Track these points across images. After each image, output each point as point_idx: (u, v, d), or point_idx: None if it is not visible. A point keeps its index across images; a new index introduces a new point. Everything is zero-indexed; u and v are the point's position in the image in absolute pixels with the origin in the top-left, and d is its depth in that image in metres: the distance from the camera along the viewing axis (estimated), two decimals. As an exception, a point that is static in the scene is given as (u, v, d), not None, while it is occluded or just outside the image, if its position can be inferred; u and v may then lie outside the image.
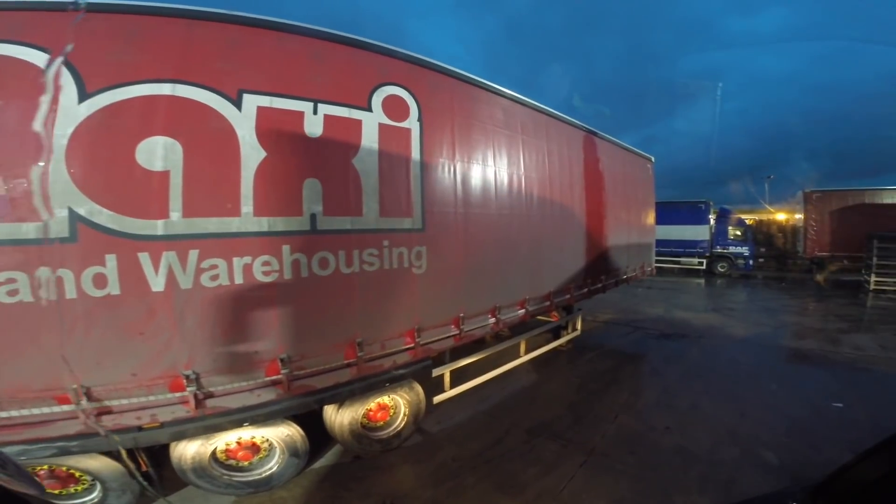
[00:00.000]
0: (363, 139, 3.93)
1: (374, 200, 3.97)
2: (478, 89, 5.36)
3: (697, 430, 5.13)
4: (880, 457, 1.35)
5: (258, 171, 3.33)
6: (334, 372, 3.87)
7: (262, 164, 3.35)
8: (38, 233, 2.70)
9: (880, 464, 1.35)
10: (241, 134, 3.29)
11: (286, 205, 3.49)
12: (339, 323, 3.86)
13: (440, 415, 5.56)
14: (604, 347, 8.63)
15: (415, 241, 4.32)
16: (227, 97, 3.25)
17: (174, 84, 3.06)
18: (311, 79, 3.68)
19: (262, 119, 3.37)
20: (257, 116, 3.35)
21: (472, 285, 5.06)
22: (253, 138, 3.33)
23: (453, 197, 4.78)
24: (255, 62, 3.43)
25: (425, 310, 4.51)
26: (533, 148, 6.21)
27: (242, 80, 3.33)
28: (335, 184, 3.75)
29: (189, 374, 3.14)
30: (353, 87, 3.96)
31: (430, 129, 4.51)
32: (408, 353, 4.41)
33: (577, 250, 7.49)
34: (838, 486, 1.46)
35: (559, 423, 5.40)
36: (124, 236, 2.92)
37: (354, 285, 3.88)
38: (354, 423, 4.40)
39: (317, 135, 3.64)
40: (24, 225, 2.67)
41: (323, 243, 3.67)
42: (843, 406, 5.68)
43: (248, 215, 3.30)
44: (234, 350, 3.35)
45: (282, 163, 3.46)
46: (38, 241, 2.70)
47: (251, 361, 3.42)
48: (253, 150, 3.33)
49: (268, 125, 3.39)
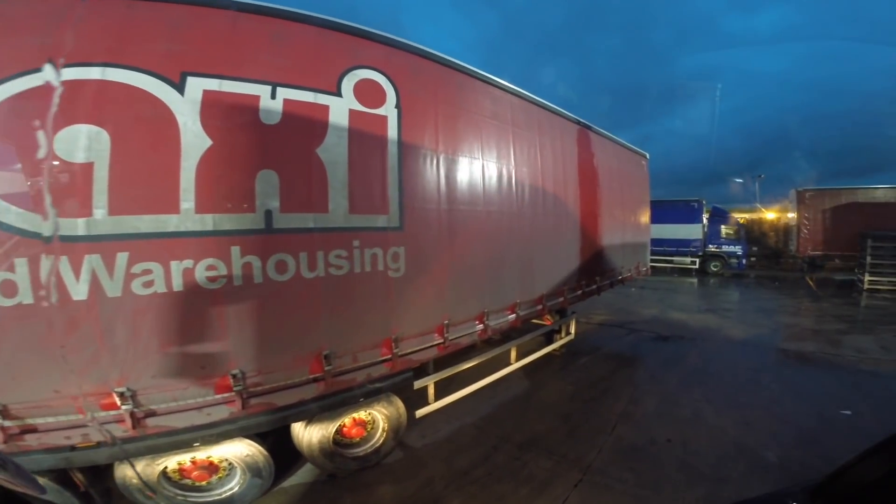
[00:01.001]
0: (330, 127, 3.50)
1: (342, 195, 3.54)
2: (465, 76, 4.95)
3: (700, 443, 4.78)
4: (880, 457, 1.32)
5: (202, 161, 2.92)
6: (298, 388, 3.48)
7: (207, 154, 2.94)
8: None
9: (880, 464, 1.32)
10: (182, 121, 2.88)
11: (235, 200, 3.06)
12: (301, 334, 3.45)
13: (425, 428, 5.18)
14: (599, 351, 8.27)
15: (391, 240, 3.89)
16: (168, 80, 2.86)
17: (104, 68, 2.69)
18: (269, 61, 3.28)
19: (208, 104, 2.97)
20: (203, 101, 2.95)
21: (457, 289, 4.65)
22: (196, 125, 2.92)
23: (436, 192, 4.35)
24: (204, 43, 3.04)
25: (404, 317, 4.09)
26: (524, 141, 5.81)
27: (187, 62, 2.94)
28: (295, 176, 3.32)
29: (123, 391, 2.79)
30: (320, 70, 3.55)
31: (410, 117, 4.09)
32: (384, 365, 4.00)
33: (571, 250, 7.10)
34: (838, 486, 1.43)
35: (552, 436, 5.03)
36: (37, 237, 2.50)
37: (319, 292, 3.46)
38: (325, 440, 4.02)
39: (274, 121, 3.23)
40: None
41: (280, 244, 3.25)
42: (852, 413, 5.36)
43: (188, 212, 2.89)
44: (175, 365, 2.96)
45: (231, 152, 3.05)
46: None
47: (197, 378, 3.04)
48: (196, 138, 2.92)
49: (215, 111, 2.99)
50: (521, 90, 5.89)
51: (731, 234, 20.21)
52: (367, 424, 4.46)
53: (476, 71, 5.08)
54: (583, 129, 7.54)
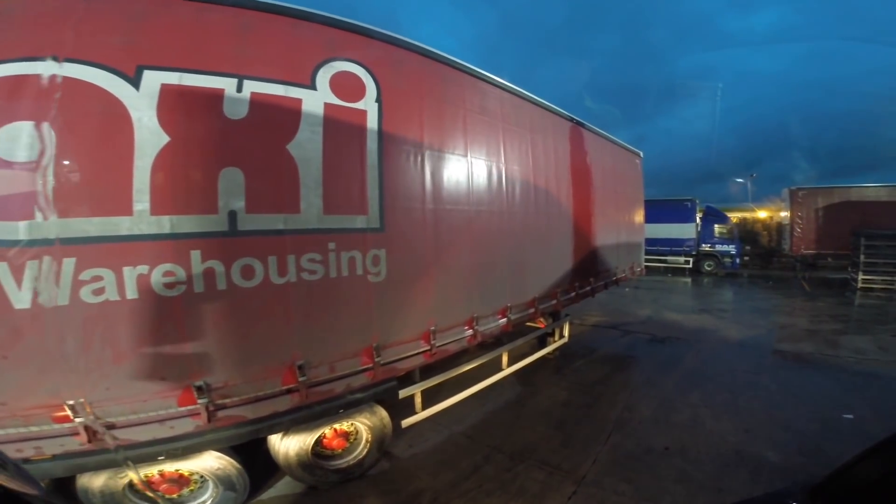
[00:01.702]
0: (303, 121, 3.28)
1: (315, 194, 3.32)
2: (452, 69, 4.74)
3: (700, 451, 4.59)
4: (880, 457, 1.33)
5: (158, 159, 2.71)
6: (271, 400, 3.27)
7: (164, 152, 2.73)
8: None
9: (880, 464, 1.33)
10: (136, 116, 2.68)
11: (195, 200, 2.85)
12: (272, 343, 3.22)
13: (412, 437, 4.95)
14: (593, 354, 8.07)
15: (370, 242, 3.66)
16: (122, 74, 2.67)
17: (50, 61, 2.49)
18: (236, 53, 3.07)
19: (166, 98, 2.77)
20: (160, 95, 2.76)
21: (444, 293, 4.43)
22: (153, 121, 2.72)
23: (421, 191, 4.13)
24: (165, 35, 2.85)
25: (386, 324, 3.87)
26: (515, 137, 5.61)
27: (144, 55, 2.75)
28: (263, 174, 3.10)
29: (75, 403, 2.63)
30: (293, 62, 3.35)
31: (392, 111, 3.87)
32: (365, 374, 3.78)
33: (564, 251, 6.90)
34: (838, 486, 1.43)
35: (545, 445, 4.82)
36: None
37: (290, 298, 3.23)
38: (303, 452, 3.80)
39: (240, 116, 3.01)
40: None
41: (246, 247, 3.02)
42: (854, 418, 5.19)
43: (142, 214, 2.67)
44: (132, 377, 2.76)
45: (190, 149, 2.84)
46: None
47: (158, 390, 2.85)
48: (152, 134, 2.71)
49: (174, 105, 2.80)
50: (511, 85, 5.69)
51: (724, 233, 20.11)
52: (349, 435, 4.24)
53: (463, 64, 4.87)
54: (576, 127, 7.35)
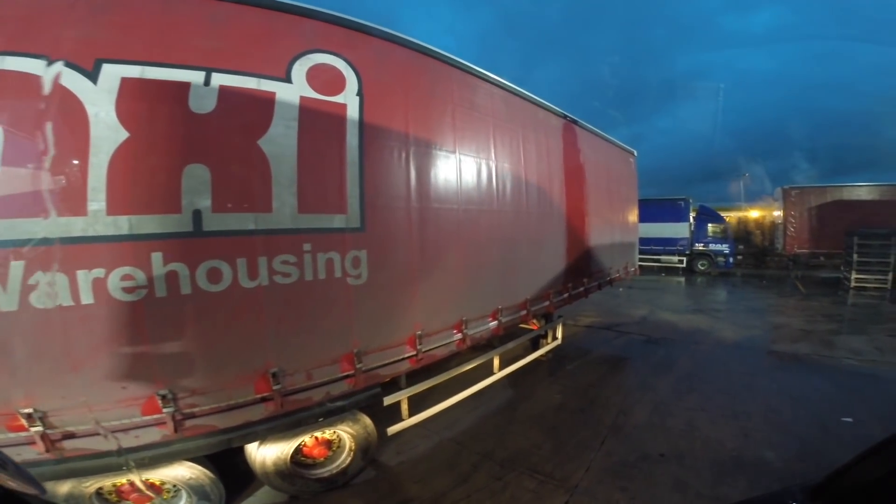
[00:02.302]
0: (276, 115, 3.09)
1: (289, 192, 3.12)
2: (439, 63, 4.55)
3: (696, 457, 4.44)
4: (880, 457, 1.31)
5: (115, 156, 2.54)
6: (243, 409, 3.09)
7: (122, 148, 2.56)
8: None
9: (880, 464, 1.31)
10: (92, 111, 2.51)
11: (156, 199, 2.66)
12: (242, 350, 3.04)
13: (400, 444, 4.78)
14: (587, 356, 7.91)
15: (350, 243, 3.46)
16: (78, 68, 2.50)
17: None
18: (205, 45, 2.90)
19: (126, 93, 2.60)
20: (120, 90, 2.59)
21: (430, 296, 4.24)
22: (111, 116, 2.54)
23: (405, 189, 3.94)
24: (128, 27, 2.69)
25: (368, 329, 3.67)
26: (506, 134, 5.43)
27: (104, 48, 2.59)
28: (231, 171, 2.91)
29: (30, 412, 2.49)
30: (267, 54, 3.17)
31: (374, 105, 3.67)
32: (346, 381, 3.58)
33: (557, 251, 6.73)
34: (838, 486, 1.42)
35: (537, 452, 4.65)
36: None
37: (262, 303, 3.03)
38: (282, 461, 3.64)
39: (207, 110, 2.83)
40: None
41: (212, 249, 2.83)
42: (854, 421, 5.06)
43: (98, 214, 2.49)
44: (91, 386, 2.60)
45: (151, 145, 2.66)
46: None
47: (119, 399, 2.69)
48: (109, 130, 2.53)
49: (135, 100, 2.63)
50: (502, 80, 5.50)
51: (718, 232, 20.06)
52: (331, 444, 4.06)
53: (452, 58, 4.69)
54: (569, 124, 7.18)
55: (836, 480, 1.46)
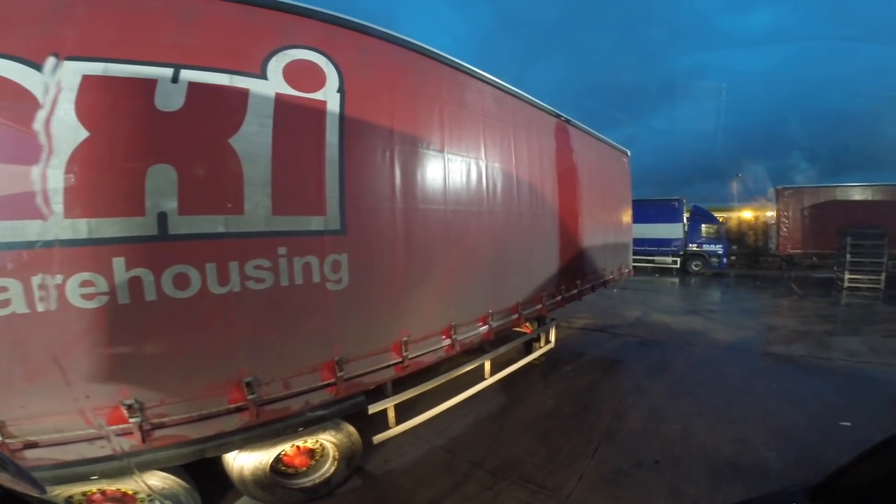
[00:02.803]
0: (249, 113, 2.95)
1: (263, 193, 2.97)
2: (428, 60, 4.42)
3: (692, 464, 4.31)
4: (880, 457, 1.31)
5: (74, 155, 2.41)
6: (217, 419, 2.95)
7: (82, 147, 2.42)
8: None
9: (880, 464, 1.31)
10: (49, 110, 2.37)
11: (118, 201, 2.53)
12: (213, 359, 2.89)
13: (388, 452, 4.62)
14: (581, 359, 7.77)
15: (330, 246, 3.31)
16: (35, 66, 2.37)
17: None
18: (175, 41, 2.77)
19: (87, 90, 2.48)
20: (80, 87, 2.46)
21: (416, 301, 4.09)
22: (70, 114, 2.42)
23: (390, 189, 3.79)
24: (92, 24, 2.57)
25: (349, 336, 3.52)
26: (496, 133, 5.29)
27: (65, 46, 2.46)
28: (200, 171, 2.77)
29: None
30: (240, 50, 3.03)
31: (356, 103, 3.53)
32: (326, 390, 3.43)
33: (549, 252, 6.60)
34: (838, 486, 1.42)
35: (529, 460, 4.51)
36: None
37: (234, 310, 2.88)
38: (261, 471, 3.49)
39: (174, 107, 2.70)
40: None
41: (179, 253, 2.69)
42: (852, 425, 4.95)
43: (55, 217, 2.35)
44: (51, 395, 2.49)
45: (113, 144, 2.51)
46: None
47: (82, 408, 2.57)
48: (68, 129, 2.40)
49: (96, 97, 2.50)
50: (493, 78, 5.37)
51: (711, 233, 20.05)
52: (313, 453, 3.91)
53: (440, 54, 4.55)
54: (561, 123, 7.06)
55: (836, 481, 1.44)
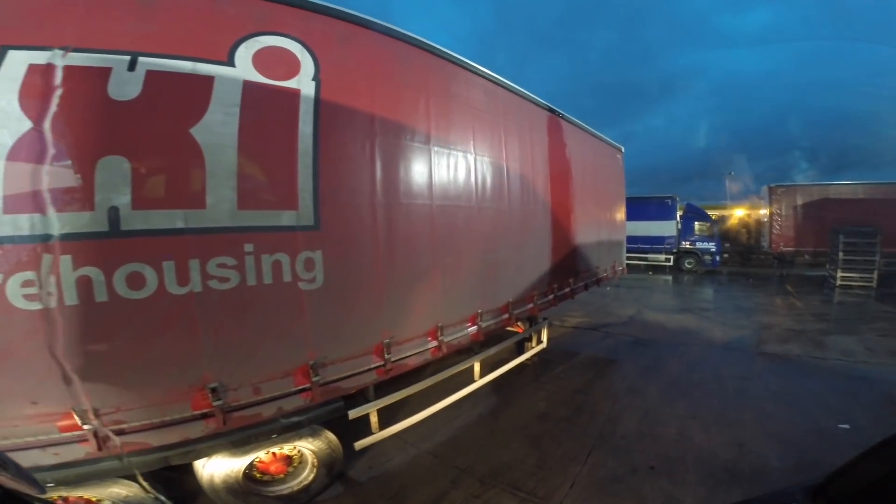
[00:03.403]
0: (213, 101, 2.75)
1: (227, 186, 2.75)
2: (414, 48, 4.22)
3: (689, 470, 4.16)
4: (880, 457, 1.32)
5: (15, 148, 2.22)
6: (180, 425, 2.76)
7: (23, 140, 2.23)
8: None
9: (880, 464, 1.32)
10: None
11: (63, 195, 2.31)
12: (173, 363, 2.70)
13: (373, 457, 4.44)
14: (574, 359, 7.60)
15: (302, 243, 3.09)
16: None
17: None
18: (134, 28, 2.57)
19: (33, 80, 2.30)
20: (26, 77, 2.27)
21: (399, 301, 3.89)
22: (12, 105, 2.24)
23: (369, 182, 3.58)
24: (42, 11, 2.38)
25: (325, 339, 3.31)
26: (486, 126, 5.09)
27: (10, 34, 2.29)
28: (156, 163, 2.57)
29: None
30: (206, 37, 2.83)
31: (334, 92, 3.33)
32: (301, 396, 3.23)
33: (541, 250, 6.41)
34: (838, 486, 1.41)
35: (520, 466, 4.33)
36: None
37: (194, 311, 2.67)
38: (233, 479, 3.31)
39: (129, 97, 2.50)
40: None
41: (132, 251, 2.48)
42: (851, 427, 4.82)
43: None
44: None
45: (59, 136, 2.31)
46: None
47: (31, 415, 2.42)
48: (10, 119, 2.22)
49: (43, 87, 2.31)
50: (483, 69, 5.17)
51: (704, 230, 20.01)
52: (290, 459, 3.72)
53: (427, 43, 4.34)
54: (554, 117, 6.87)
55: (836, 480, 1.44)
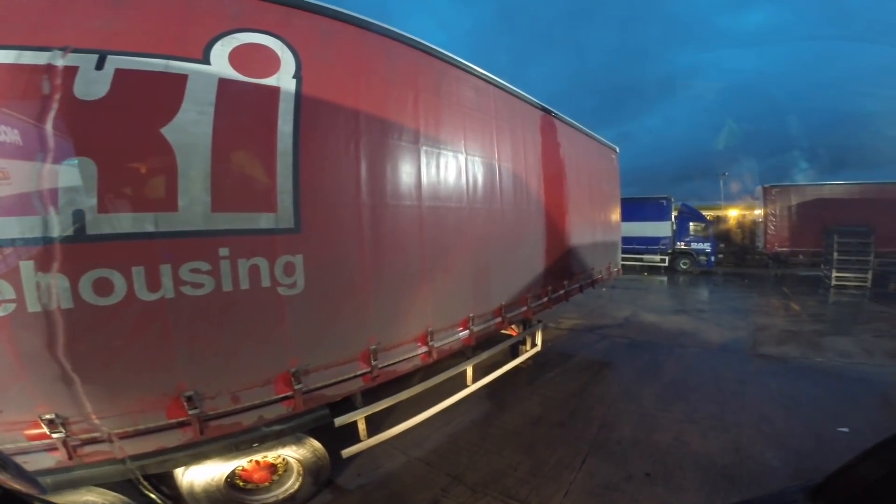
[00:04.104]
0: (186, 100, 2.63)
1: (201, 188, 2.63)
2: (401, 45, 4.10)
3: (685, 476, 4.06)
4: (880, 457, 1.31)
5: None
6: (155, 434, 2.66)
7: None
8: None
9: (880, 464, 1.30)
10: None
11: (24, 199, 2.20)
12: (145, 371, 2.59)
13: (362, 464, 4.33)
14: (569, 362, 7.49)
15: (281, 246, 2.96)
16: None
17: None
18: (104, 26, 2.48)
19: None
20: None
21: (386, 306, 3.77)
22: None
23: (354, 183, 3.45)
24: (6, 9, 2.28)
25: (307, 346, 3.19)
26: (478, 125, 4.98)
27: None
28: (124, 164, 2.46)
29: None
30: (181, 34, 2.72)
31: (316, 89, 3.21)
32: (282, 404, 3.11)
33: (535, 252, 6.29)
34: (838, 486, 1.39)
35: (513, 473, 4.22)
36: None
37: (167, 318, 2.56)
38: (213, 487, 3.22)
39: (96, 96, 2.39)
40: None
41: (99, 256, 2.36)
42: (850, 431, 4.73)
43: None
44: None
45: (20, 137, 2.21)
46: None
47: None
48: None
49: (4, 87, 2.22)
50: (475, 67, 5.06)
51: (699, 231, 20.01)
52: (275, 468, 3.60)
53: (415, 39, 4.23)
54: (547, 117, 6.76)
55: (836, 481, 1.42)
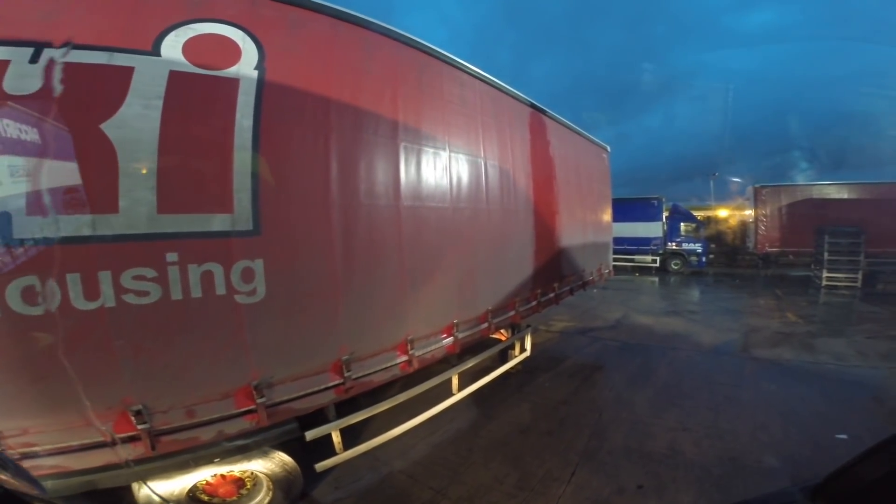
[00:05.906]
0: (131, 93, 2.40)
1: (145, 186, 2.40)
2: (379, 36, 3.88)
3: (679, 489, 3.88)
4: (880, 457, 1.30)
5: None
6: (102, 449, 2.43)
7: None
8: None
9: (880, 464, 1.30)
10: None
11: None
12: (86, 385, 2.36)
13: (340, 476, 4.12)
14: (559, 367, 7.28)
15: (238, 251, 2.71)
16: None
17: None
18: (43, 17, 2.25)
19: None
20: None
21: (360, 312, 3.52)
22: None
23: (323, 181, 3.21)
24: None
25: (269, 357, 2.94)
26: (462, 120, 4.77)
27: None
28: (57, 163, 2.22)
29: None
30: (127, 26, 2.50)
31: (280, 81, 2.98)
32: (244, 418, 2.87)
33: (523, 254, 6.08)
34: (838, 486, 1.40)
35: (499, 487, 4.01)
36: None
37: (107, 328, 2.33)
38: (174, 501, 3.00)
39: (28, 91, 2.17)
40: None
41: (27, 262, 2.14)
42: (849, 438, 4.57)
43: None
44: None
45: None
46: None
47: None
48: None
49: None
50: (460, 60, 4.84)
51: (690, 231, 19.99)
52: (242, 482, 3.37)
53: (393, 30, 3.99)
54: (536, 113, 6.56)
55: (835, 480, 1.42)
